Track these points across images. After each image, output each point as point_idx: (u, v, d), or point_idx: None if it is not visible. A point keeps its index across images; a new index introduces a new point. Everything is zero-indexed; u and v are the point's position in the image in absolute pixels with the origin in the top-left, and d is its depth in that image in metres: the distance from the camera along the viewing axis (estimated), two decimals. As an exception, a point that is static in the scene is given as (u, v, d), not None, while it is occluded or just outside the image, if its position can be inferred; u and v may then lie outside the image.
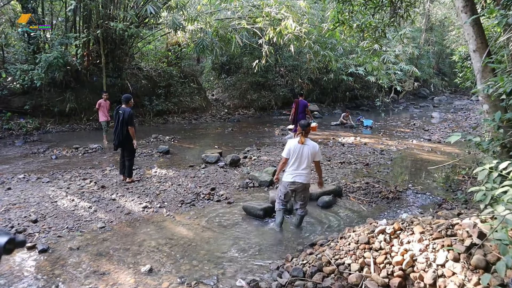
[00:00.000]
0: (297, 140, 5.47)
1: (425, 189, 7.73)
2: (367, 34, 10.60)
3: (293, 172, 5.45)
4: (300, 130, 5.52)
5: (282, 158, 5.60)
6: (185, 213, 6.18)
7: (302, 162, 5.42)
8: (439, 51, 36.52)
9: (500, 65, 4.48)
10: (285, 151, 5.50)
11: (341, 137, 13.57)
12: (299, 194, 5.58)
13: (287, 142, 5.63)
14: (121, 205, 6.40)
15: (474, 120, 19.93)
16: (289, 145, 5.50)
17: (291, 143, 5.51)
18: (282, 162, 5.61)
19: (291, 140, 5.62)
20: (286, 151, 5.49)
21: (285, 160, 5.53)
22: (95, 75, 15.10)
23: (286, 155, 5.51)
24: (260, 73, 20.58)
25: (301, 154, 5.41)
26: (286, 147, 5.54)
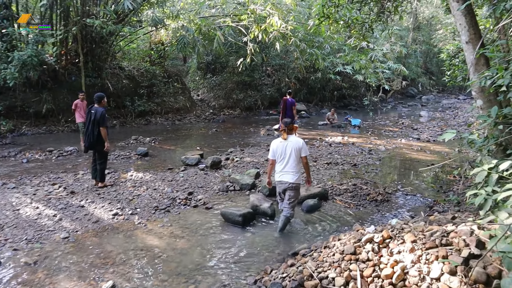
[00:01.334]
0: (280, 139, 5.34)
1: (415, 190, 7.36)
2: (354, 30, 10.26)
3: (280, 172, 5.33)
4: (283, 127, 5.30)
5: (269, 160, 5.47)
6: (159, 220, 5.70)
7: (288, 160, 5.24)
8: (427, 50, 36.51)
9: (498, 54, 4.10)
10: (270, 152, 5.42)
11: (329, 137, 13.19)
12: (287, 193, 5.35)
13: (271, 143, 5.42)
14: (89, 212, 5.90)
15: (463, 118, 19.77)
16: (272, 146, 5.38)
17: (274, 142, 5.38)
18: (269, 164, 5.48)
19: (274, 140, 5.46)
20: (271, 152, 5.40)
21: (272, 161, 5.41)
22: (74, 75, 14.52)
23: (271, 156, 5.39)
24: (246, 73, 20.15)
25: (285, 152, 5.24)
26: (270, 148, 5.43)
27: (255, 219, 5.74)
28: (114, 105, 15.63)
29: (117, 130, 14.59)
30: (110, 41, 15.40)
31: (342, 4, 8.71)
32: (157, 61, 18.54)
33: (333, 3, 8.56)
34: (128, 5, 11.64)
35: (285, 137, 5.27)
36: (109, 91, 15.17)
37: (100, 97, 7.16)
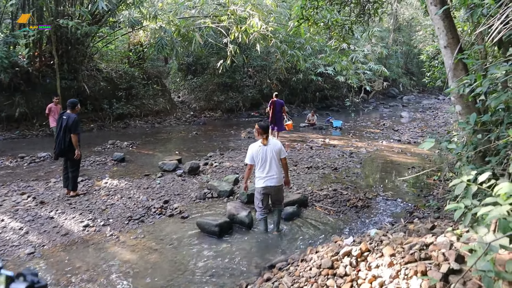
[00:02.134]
0: (258, 143, 5.23)
1: (396, 195, 7.29)
2: (334, 32, 10.17)
3: (263, 177, 5.22)
4: (261, 131, 5.18)
5: (247, 165, 5.34)
6: (132, 232, 5.47)
7: (269, 164, 5.19)
8: (407, 51, 36.95)
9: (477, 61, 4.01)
10: (248, 157, 5.28)
11: (310, 140, 13.10)
12: (274, 197, 5.41)
13: (249, 147, 5.29)
14: (58, 224, 5.63)
15: (442, 119, 19.98)
16: (251, 150, 5.25)
17: (253, 147, 5.25)
18: (247, 169, 5.36)
19: (252, 144, 5.32)
20: (249, 157, 5.27)
21: (250, 166, 5.30)
22: (48, 77, 14.07)
23: (250, 161, 5.27)
24: (227, 74, 19.94)
25: (265, 156, 5.18)
26: (248, 152, 5.29)
27: (232, 229, 5.56)
28: (91, 108, 15.24)
29: (95, 134, 14.22)
30: (87, 43, 14.98)
31: (321, 5, 8.61)
32: (136, 63, 18.17)
33: (312, 4, 8.44)
34: (103, 6, 11.31)
35: (266, 142, 5.18)
36: (86, 93, 14.80)
37: (73, 103, 6.84)
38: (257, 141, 5.29)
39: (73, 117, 6.65)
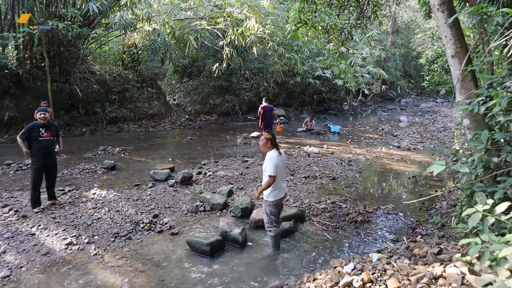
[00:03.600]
0: (276, 153, 4.94)
1: (397, 208, 6.97)
2: (333, 36, 9.87)
3: (281, 188, 5.04)
4: (273, 142, 5.02)
5: (270, 177, 4.84)
6: (117, 251, 5.13)
7: (284, 174, 5.20)
8: (405, 53, 36.73)
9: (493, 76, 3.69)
10: (273, 169, 4.81)
11: (307, 146, 12.77)
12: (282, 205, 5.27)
13: (271, 158, 4.87)
14: (40, 241, 5.28)
15: (441, 124, 19.71)
16: (275, 161, 4.84)
17: (275, 158, 4.88)
18: (270, 181, 4.86)
19: (272, 154, 4.92)
20: (274, 169, 4.82)
21: (274, 180, 4.87)
22: (39, 80, 13.69)
23: (275, 173, 4.84)
24: (223, 77, 19.63)
25: (283, 166, 5.07)
26: (271, 164, 4.82)
27: (225, 247, 5.23)
28: (84, 112, 14.87)
29: (87, 138, 13.85)
30: (79, 44, 14.62)
31: (320, 9, 8.30)
32: (130, 65, 17.80)
33: (310, 8, 8.13)
34: (93, 8, 10.95)
35: (280, 152, 5.00)
36: (78, 96, 14.45)
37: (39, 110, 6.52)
38: (273, 151, 4.96)
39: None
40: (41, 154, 6.30)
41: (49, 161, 6.44)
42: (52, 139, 6.48)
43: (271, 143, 4.99)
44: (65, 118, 14.13)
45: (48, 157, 6.40)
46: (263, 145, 5.02)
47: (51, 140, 6.47)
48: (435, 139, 14.66)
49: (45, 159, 6.36)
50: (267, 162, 4.89)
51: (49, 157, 6.44)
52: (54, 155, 6.58)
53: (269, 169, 4.82)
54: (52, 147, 6.53)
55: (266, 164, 4.90)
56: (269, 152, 4.95)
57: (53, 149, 6.55)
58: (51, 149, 6.50)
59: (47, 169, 6.49)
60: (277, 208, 5.04)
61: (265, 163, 4.93)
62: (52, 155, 6.52)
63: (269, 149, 4.98)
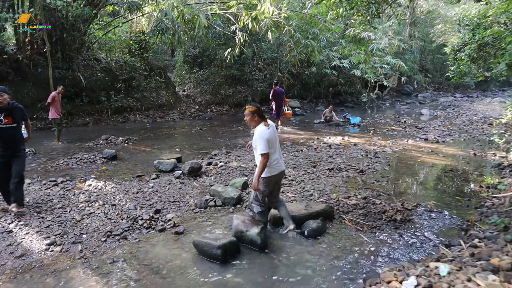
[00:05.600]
0: (264, 127, 4.42)
1: (440, 206, 5.93)
2: (357, 14, 8.83)
3: (275, 163, 4.49)
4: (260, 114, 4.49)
5: (263, 155, 4.29)
6: (109, 253, 4.20)
7: (277, 147, 4.59)
8: (422, 47, 35.33)
9: None
10: (265, 144, 4.27)
11: (327, 137, 11.74)
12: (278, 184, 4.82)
13: (260, 133, 4.33)
14: (16, 241, 4.37)
15: (466, 117, 18.48)
16: (265, 135, 4.31)
17: (265, 132, 4.35)
18: (265, 160, 4.31)
19: (260, 129, 4.39)
20: (267, 144, 4.28)
21: (268, 156, 4.32)
22: (40, 66, 12.87)
23: (268, 149, 4.30)
24: (235, 66, 18.63)
25: (275, 139, 4.53)
26: (261, 139, 4.29)
27: (240, 251, 4.26)
28: (87, 101, 14.00)
29: (90, 128, 12.99)
30: (83, 29, 13.73)
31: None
32: (138, 52, 16.87)
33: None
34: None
35: (268, 124, 4.48)
36: (82, 84, 13.60)
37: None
38: (261, 125, 4.42)
39: None
40: (2, 144, 5.04)
41: (12, 152, 5.11)
42: (15, 126, 5.06)
43: (258, 115, 4.46)
44: (68, 107, 13.26)
45: (10, 147, 5.09)
46: (250, 119, 4.48)
47: (14, 128, 5.06)
48: (463, 132, 13.51)
49: (7, 150, 5.08)
50: (256, 138, 4.34)
51: (12, 147, 5.11)
52: (19, 146, 5.19)
53: (261, 146, 4.27)
54: (16, 136, 5.15)
55: (256, 141, 4.35)
56: (257, 127, 4.43)
57: (17, 139, 5.17)
58: (15, 138, 5.13)
59: (11, 162, 5.14)
60: (268, 187, 4.51)
61: (255, 140, 4.38)
62: (16, 145, 5.15)
63: (257, 123, 4.47)
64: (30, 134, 5.91)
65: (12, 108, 5.08)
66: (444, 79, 38.86)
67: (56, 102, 9.85)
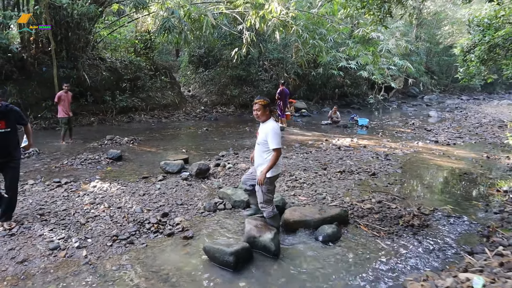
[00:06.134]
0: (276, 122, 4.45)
1: (457, 211, 5.70)
2: (368, 13, 8.63)
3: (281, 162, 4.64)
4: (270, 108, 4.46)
5: (276, 150, 4.21)
6: (115, 258, 3.99)
7: None
8: (428, 49, 35.00)
9: None
10: (278, 139, 4.23)
11: (335, 139, 11.52)
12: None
13: (276, 128, 4.27)
14: (18, 245, 4.17)
15: (475, 119, 18.20)
16: (279, 131, 4.29)
17: (278, 128, 4.33)
18: (278, 155, 4.25)
19: (275, 125, 4.33)
20: (279, 140, 4.25)
21: (280, 151, 4.28)
22: (45, 65, 12.72)
23: (280, 144, 4.29)
24: (241, 67, 18.44)
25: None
26: (276, 134, 4.22)
27: (253, 258, 4.04)
28: (92, 100, 13.83)
29: (95, 128, 12.82)
30: (88, 28, 13.58)
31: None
32: (143, 52, 16.71)
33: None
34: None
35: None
36: (87, 84, 13.45)
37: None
38: (272, 120, 4.41)
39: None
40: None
41: (3, 160, 4.58)
42: (8, 131, 4.53)
43: (269, 109, 4.39)
44: (72, 106, 13.02)
45: (2, 155, 4.56)
46: (262, 113, 4.34)
47: (7, 133, 4.52)
48: (473, 135, 13.26)
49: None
50: (270, 133, 4.20)
51: (4, 155, 4.57)
52: (13, 154, 4.65)
53: (275, 141, 4.18)
54: (9, 142, 4.59)
55: (269, 136, 4.20)
56: (270, 122, 4.35)
57: (11, 146, 4.62)
58: (8, 145, 4.58)
59: (3, 172, 4.70)
60: (274, 184, 4.51)
61: (267, 135, 4.23)
62: (9, 153, 4.60)
63: (267, 117, 4.38)
64: (30, 140, 5.18)
65: (6, 111, 4.51)
66: (450, 81, 38.53)
67: (63, 101, 9.65)
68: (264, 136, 4.29)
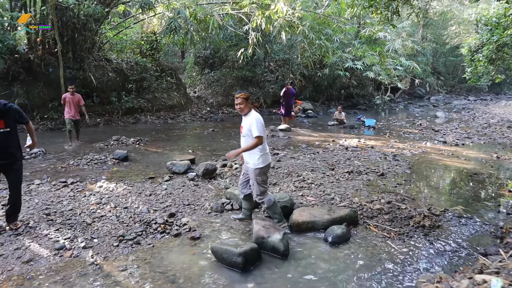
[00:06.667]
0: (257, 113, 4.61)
1: (469, 211, 5.59)
2: (375, 12, 8.54)
3: (268, 152, 4.67)
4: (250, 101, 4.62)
5: (258, 137, 4.37)
6: (121, 259, 3.94)
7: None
8: (434, 49, 34.75)
9: None
10: (261, 128, 4.41)
11: (342, 139, 11.42)
12: None
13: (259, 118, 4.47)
14: (24, 244, 4.14)
15: (482, 120, 18.02)
16: (262, 121, 4.48)
17: (261, 118, 4.52)
18: (259, 143, 4.40)
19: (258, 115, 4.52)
20: (262, 128, 4.41)
21: (262, 139, 4.41)
22: (51, 66, 12.73)
23: (263, 132, 4.45)
24: (247, 67, 18.41)
25: None
26: (260, 124, 4.40)
27: (261, 258, 3.97)
28: (98, 101, 13.83)
29: (101, 129, 12.80)
30: (95, 29, 13.59)
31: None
32: (149, 53, 16.71)
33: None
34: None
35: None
36: (93, 85, 13.44)
37: None
38: (254, 111, 4.56)
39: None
40: None
41: (3, 162, 4.38)
42: (8, 131, 4.31)
43: (251, 102, 4.61)
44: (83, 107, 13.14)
45: (2, 156, 4.35)
46: (244, 106, 4.50)
47: (6, 133, 4.30)
48: (482, 135, 13.10)
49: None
50: (254, 122, 4.37)
51: (4, 156, 4.36)
52: (14, 154, 4.44)
53: (258, 129, 4.34)
54: (8, 142, 4.37)
55: (253, 126, 4.36)
56: (253, 113, 4.52)
57: (10, 145, 4.39)
58: (8, 146, 4.37)
59: (4, 174, 4.52)
60: (266, 175, 4.68)
61: (251, 124, 4.38)
62: (9, 154, 4.40)
63: (249, 109, 4.55)
64: (34, 139, 4.96)
65: (5, 110, 4.28)
66: (456, 82, 38.23)
67: (68, 103, 9.42)
68: (249, 127, 4.41)
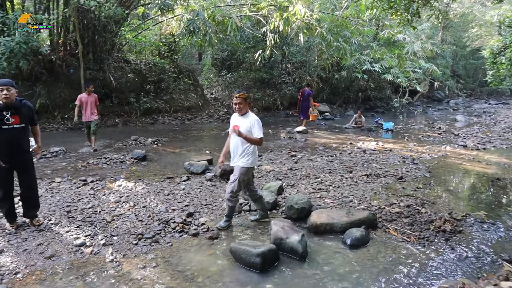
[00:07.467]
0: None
1: (491, 217, 5.47)
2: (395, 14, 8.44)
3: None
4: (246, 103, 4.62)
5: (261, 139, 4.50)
6: (140, 257, 3.97)
7: None
8: (454, 52, 34.17)
9: None
10: (261, 130, 4.51)
11: (360, 142, 11.31)
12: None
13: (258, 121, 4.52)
14: (46, 240, 4.21)
15: (505, 124, 17.61)
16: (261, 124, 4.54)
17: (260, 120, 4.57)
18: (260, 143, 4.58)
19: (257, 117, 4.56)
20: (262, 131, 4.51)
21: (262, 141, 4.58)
22: (72, 67, 12.97)
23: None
24: (264, 69, 18.42)
25: None
26: (260, 125, 4.50)
27: (279, 260, 3.96)
28: (117, 102, 14.02)
29: (119, 129, 12.97)
30: (114, 31, 13.80)
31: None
32: (167, 55, 16.87)
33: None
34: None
35: None
36: (112, 85, 13.65)
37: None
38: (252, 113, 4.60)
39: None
40: (6, 149, 4.20)
41: (18, 158, 4.31)
42: (23, 126, 4.27)
43: (249, 103, 4.65)
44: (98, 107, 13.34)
45: (17, 152, 4.28)
46: (243, 106, 4.51)
47: (21, 129, 4.26)
48: (504, 140, 12.81)
49: (12, 156, 4.24)
50: (255, 124, 4.46)
51: (19, 152, 4.30)
52: (27, 149, 4.41)
53: (260, 131, 4.45)
54: (23, 138, 4.32)
55: (254, 127, 4.45)
56: (251, 114, 4.57)
57: (25, 143, 4.36)
58: (22, 141, 4.31)
59: (18, 171, 4.43)
60: (248, 175, 4.69)
61: (252, 126, 4.46)
62: (23, 150, 4.35)
63: (247, 110, 4.58)
64: (39, 143, 4.75)
65: (21, 105, 4.25)
66: (477, 85, 37.53)
67: (85, 104, 8.94)
68: (248, 127, 4.43)
